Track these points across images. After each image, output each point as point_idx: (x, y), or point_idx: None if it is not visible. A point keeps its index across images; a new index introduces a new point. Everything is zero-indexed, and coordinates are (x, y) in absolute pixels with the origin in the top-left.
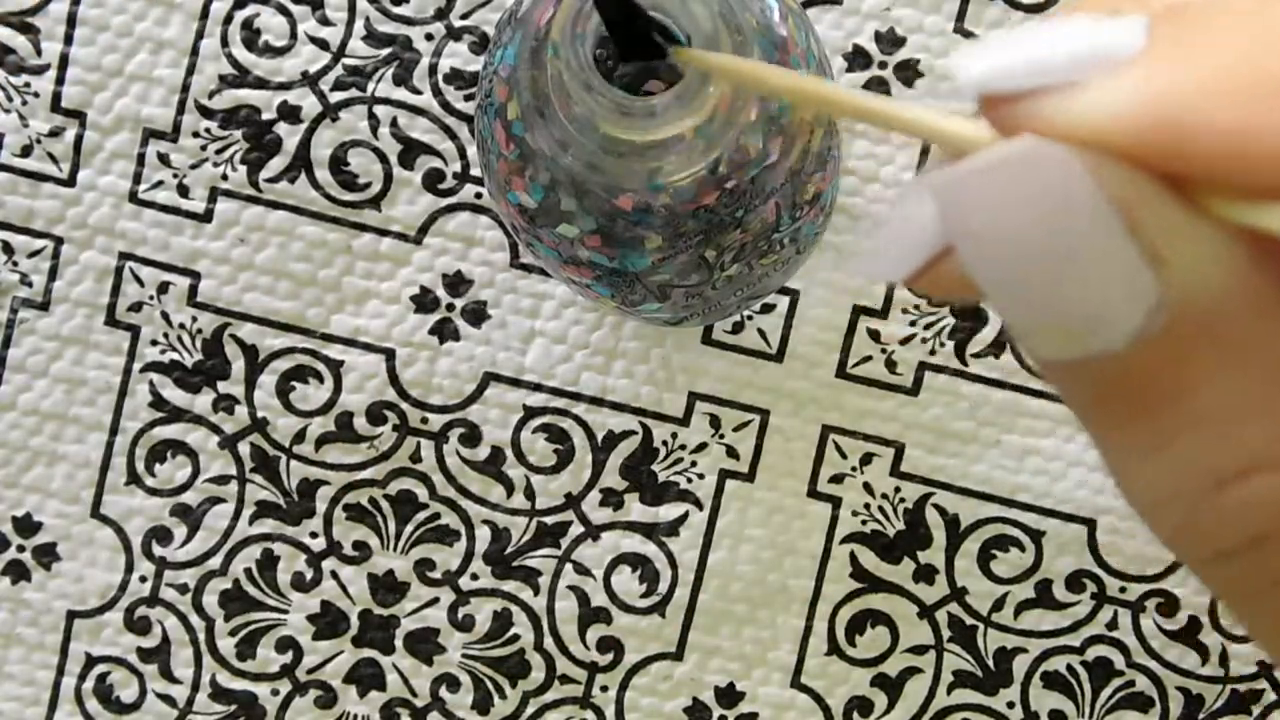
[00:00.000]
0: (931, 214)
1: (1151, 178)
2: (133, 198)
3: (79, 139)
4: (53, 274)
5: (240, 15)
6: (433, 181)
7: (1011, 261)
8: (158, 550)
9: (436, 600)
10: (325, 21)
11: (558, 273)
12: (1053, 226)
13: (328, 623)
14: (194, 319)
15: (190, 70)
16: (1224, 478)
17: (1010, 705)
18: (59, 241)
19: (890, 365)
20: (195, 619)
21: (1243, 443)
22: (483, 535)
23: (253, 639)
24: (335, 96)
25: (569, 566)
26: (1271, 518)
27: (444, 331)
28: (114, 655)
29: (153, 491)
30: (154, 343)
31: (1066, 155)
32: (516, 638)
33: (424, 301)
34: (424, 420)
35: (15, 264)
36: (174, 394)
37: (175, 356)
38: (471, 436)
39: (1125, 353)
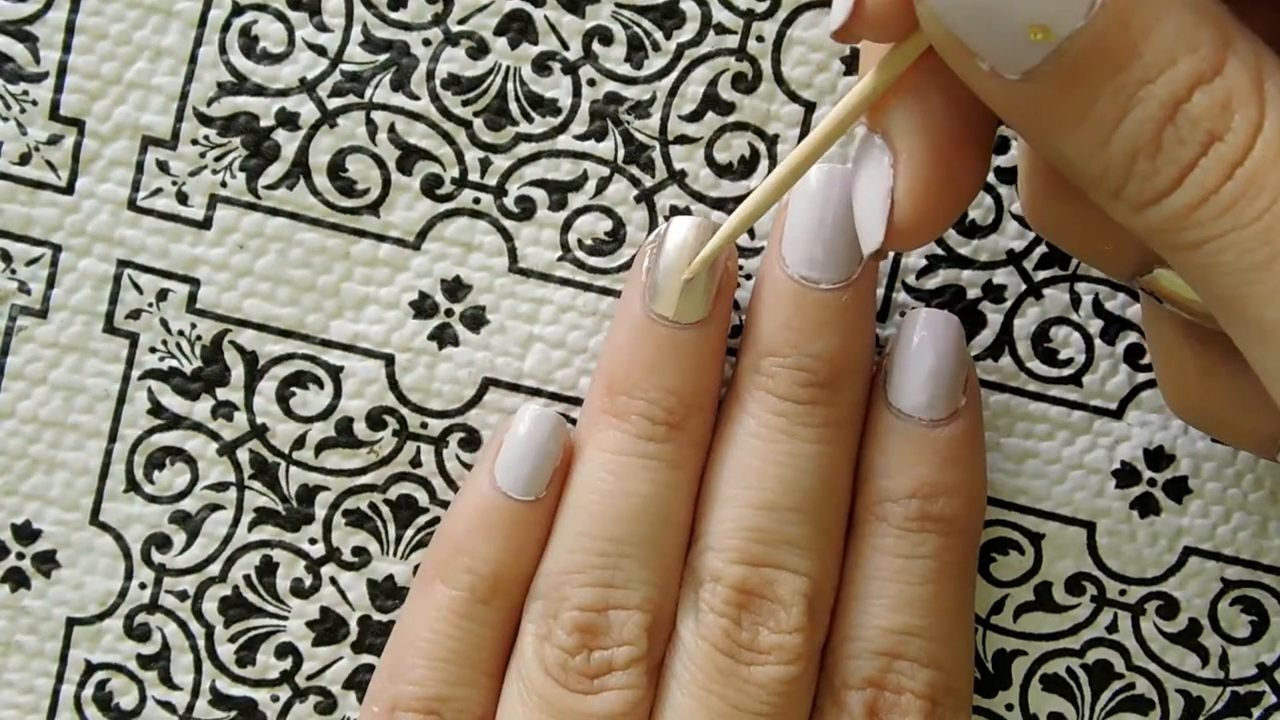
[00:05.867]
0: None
1: None
2: (131, 205)
3: (77, 147)
4: (51, 282)
5: (238, 22)
6: (431, 187)
7: None
8: (157, 557)
9: None
10: (322, 28)
11: None
12: None
13: (327, 629)
14: (193, 326)
15: (189, 78)
16: (1178, 100)
17: (1009, 707)
18: (57, 249)
19: None
20: (195, 625)
21: (1186, 71)
22: None
23: (252, 645)
24: (333, 103)
25: None
26: (1216, 118)
27: (443, 337)
28: (113, 662)
29: (152, 498)
30: (153, 350)
31: None
32: None
33: (423, 307)
34: (424, 425)
35: (13, 272)
36: (173, 401)
37: (174, 363)
38: (471, 440)
39: (1084, 28)
